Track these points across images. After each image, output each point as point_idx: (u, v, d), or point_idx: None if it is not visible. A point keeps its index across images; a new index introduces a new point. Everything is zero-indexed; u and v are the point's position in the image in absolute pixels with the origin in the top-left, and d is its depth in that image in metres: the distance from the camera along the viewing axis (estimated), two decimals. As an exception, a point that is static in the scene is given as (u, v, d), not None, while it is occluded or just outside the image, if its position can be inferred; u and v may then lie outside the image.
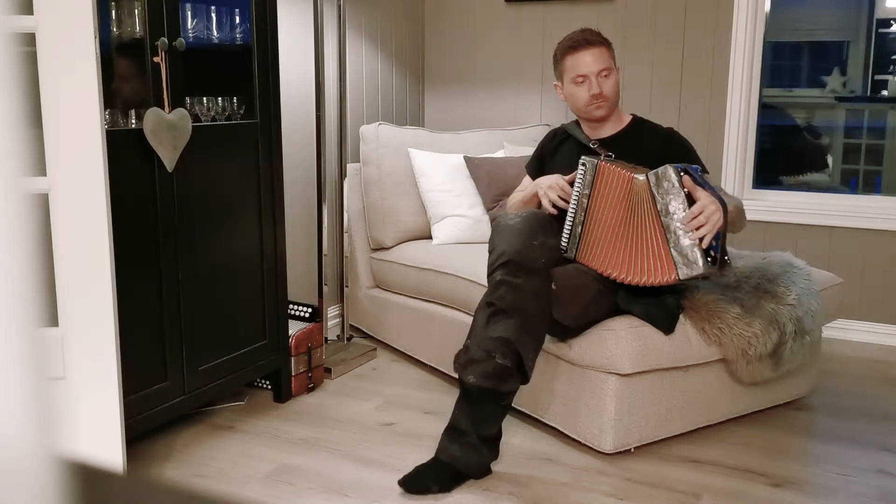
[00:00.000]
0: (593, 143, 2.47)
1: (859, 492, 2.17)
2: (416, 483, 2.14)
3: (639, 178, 2.22)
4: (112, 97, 2.22)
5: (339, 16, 3.17)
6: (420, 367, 3.08)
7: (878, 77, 4.33)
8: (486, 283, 2.23)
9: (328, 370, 2.95)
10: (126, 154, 2.09)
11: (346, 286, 3.32)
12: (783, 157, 4.13)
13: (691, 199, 2.16)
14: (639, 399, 2.33)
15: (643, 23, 3.64)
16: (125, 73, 2.29)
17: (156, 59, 2.15)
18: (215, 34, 2.46)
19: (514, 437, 2.45)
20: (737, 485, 2.21)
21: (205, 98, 2.43)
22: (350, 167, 3.31)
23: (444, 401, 2.61)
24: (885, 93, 4.28)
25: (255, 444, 2.42)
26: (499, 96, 4.00)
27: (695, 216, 2.14)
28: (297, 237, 3.16)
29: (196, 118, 2.38)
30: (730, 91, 3.52)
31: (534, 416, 2.53)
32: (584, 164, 2.33)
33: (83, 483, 0.40)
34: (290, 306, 2.89)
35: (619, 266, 2.26)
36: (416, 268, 3.07)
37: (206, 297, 2.39)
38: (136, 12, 2.18)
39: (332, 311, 3.39)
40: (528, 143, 3.49)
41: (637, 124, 2.51)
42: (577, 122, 2.56)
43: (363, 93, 3.69)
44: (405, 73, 4.00)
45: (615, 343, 2.25)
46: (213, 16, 2.44)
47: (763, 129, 3.71)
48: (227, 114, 2.48)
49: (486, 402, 2.15)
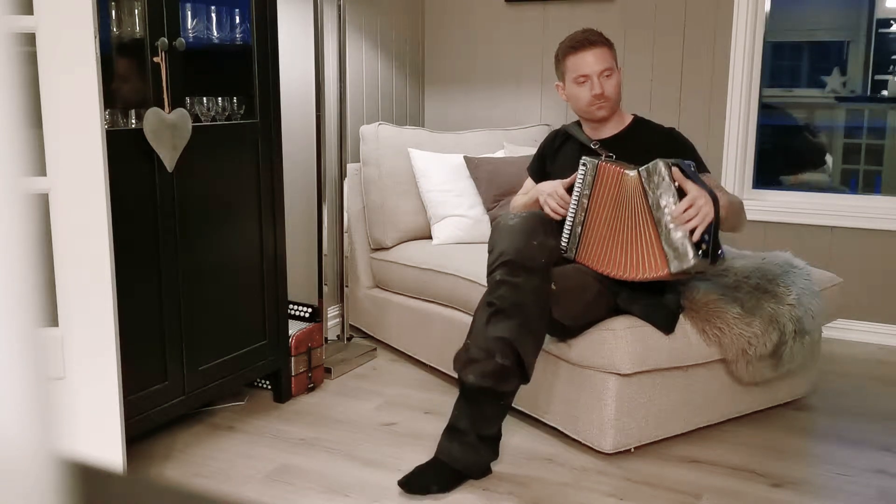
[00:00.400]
0: (594, 144, 2.47)
1: (859, 492, 2.17)
2: (415, 483, 2.14)
3: (630, 173, 2.22)
4: (112, 97, 2.22)
5: (339, 16, 3.17)
6: (420, 367, 3.08)
7: (878, 77, 4.33)
8: (485, 283, 2.23)
9: (328, 370, 2.95)
10: (126, 154, 2.09)
11: (346, 286, 3.32)
12: (783, 157, 4.13)
13: (682, 193, 2.16)
14: (639, 399, 2.33)
15: (643, 23, 3.64)
16: (125, 73, 2.29)
17: (156, 59, 2.15)
18: (215, 34, 2.46)
19: (514, 437, 2.45)
20: (737, 485, 2.21)
21: (205, 98, 2.43)
22: (350, 167, 3.31)
23: (444, 401, 2.61)
24: (885, 93, 4.28)
25: (255, 444, 2.42)
26: (499, 96, 4.00)
27: (684, 209, 2.14)
28: (297, 237, 3.16)
29: (196, 118, 2.38)
30: (730, 91, 3.52)
31: (534, 416, 2.53)
32: (585, 165, 2.33)
33: (83, 483, 0.40)
34: (290, 306, 2.89)
35: (614, 263, 2.26)
36: (416, 268, 3.07)
37: (206, 297, 2.39)
38: (136, 12, 2.18)
39: (332, 311, 3.39)
40: (528, 143, 3.49)
41: (638, 124, 2.51)
42: (578, 123, 2.56)
43: (363, 93, 3.69)
44: (405, 73, 4.00)
45: (615, 343, 2.25)
46: (213, 16, 2.44)
47: (763, 129, 3.71)
48: (227, 114, 2.48)
49: (485, 401, 2.15)
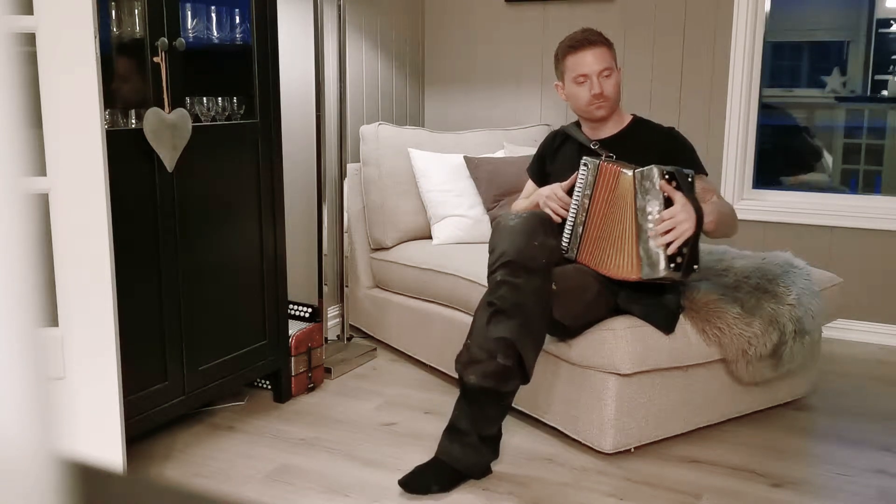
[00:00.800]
0: (593, 144, 2.47)
1: (859, 492, 2.17)
2: (416, 483, 2.14)
3: (626, 173, 2.23)
4: (112, 97, 2.22)
5: (339, 16, 3.17)
6: (420, 367, 3.08)
7: (878, 77, 4.33)
8: (486, 284, 2.23)
9: (328, 370, 2.95)
10: (126, 154, 2.09)
11: (346, 286, 3.32)
12: (783, 157, 4.13)
13: (670, 203, 2.17)
14: (639, 399, 2.33)
15: (643, 23, 3.64)
16: (125, 73, 2.29)
17: (156, 59, 2.15)
18: (215, 34, 2.46)
19: (514, 437, 2.45)
20: (737, 485, 2.21)
21: (205, 98, 2.43)
22: (350, 167, 3.31)
23: (444, 401, 2.61)
24: (885, 93, 4.28)
25: (255, 444, 2.42)
26: (499, 96, 4.00)
27: (663, 220, 2.15)
28: (297, 237, 3.16)
29: (196, 118, 2.38)
30: (730, 91, 3.52)
31: (534, 416, 2.53)
32: (586, 165, 2.33)
33: (83, 483, 0.40)
34: (290, 306, 2.89)
35: (598, 259, 2.29)
36: (416, 268, 3.07)
37: (206, 297, 2.39)
38: (136, 12, 2.18)
39: (332, 311, 3.39)
40: (528, 143, 3.49)
41: (637, 124, 2.51)
42: (578, 123, 2.56)
43: (363, 93, 3.69)
44: (405, 73, 4.00)
45: (615, 343, 2.25)
46: (213, 16, 2.44)
47: (763, 129, 3.71)
48: (227, 114, 2.48)
49: (486, 401, 2.15)
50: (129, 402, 2.05)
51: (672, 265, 2.17)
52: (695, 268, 2.21)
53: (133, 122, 2.23)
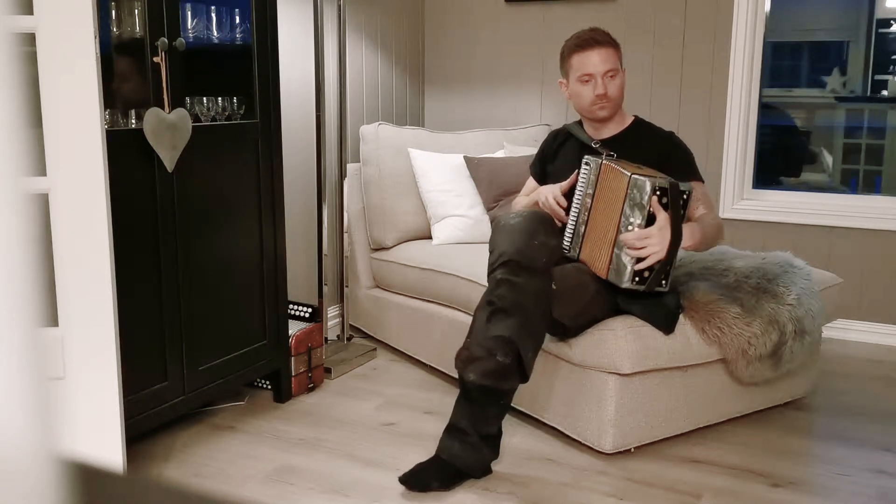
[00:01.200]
0: (595, 143, 2.47)
1: (859, 492, 2.17)
2: (416, 480, 2.13)
3: (625, 174, 2.22)
4: (112, 97, 2.21)
5: (339, 16, 3.17)
6: (420, 367, 3.08)
7: (878, 77, 4.33)
8: (486, 283, 2.23)
9: (328, 370, 2.95)
10: (126, 154, 2.09)
11: (346, 286, 3.32)
12: (783, 157, 4.13)
13: (652, 220, 2.17)
14: (639, 399, 2.33)
15: (643, 23, 3.64)
16: (125, 73, 2.29)
17: (156, 59, 2.15)
18: (215, 34, 2.46)
19: (514, 437, 2.45)
20: (737, 485, 2.21)
21: (205, 98, 2.43)
22: (350, 167, 3.31)
23: (444, 401, 2.61)
24: (885, 93, 4.28)
25: (255, 444, 2.42)
26: (499, 96, 4.00)
27: (637, 238, 2.16)
28: (297, 237, 3.16)
29: (196, 118, 2.38)
30: (730, 91, 3.52)
31: (534, 416, 2.53)
32: (588, 164, 2.34)
33: (83, 483, 0.40)
34: (290, 306, 2.89)
35: (585, 250, 2.32)
36: (416, 268, 3.07)
37: (206, 297, 2.39)
38: (136, 12, 2.18)
39: (332, 311, 3.39)
40: (528, 143, 3.50)
41: (638, 126, 2.51)
42: (580, 123, 2.56)
43: (363, 93, 3.69)
44: (405, 73, 4.00)
45: (615, 343, 2.25)
46: (213, 16, 2.44)
47: (763, 129, 3.71)
48: (227, 114, 2.48)
49: (486, 400, 2.15)
50: (129, 402, 2.05)
51: (636, 279, 2.20)
52: (663, 283, 2.22)
53: (133, 122, 2.23)
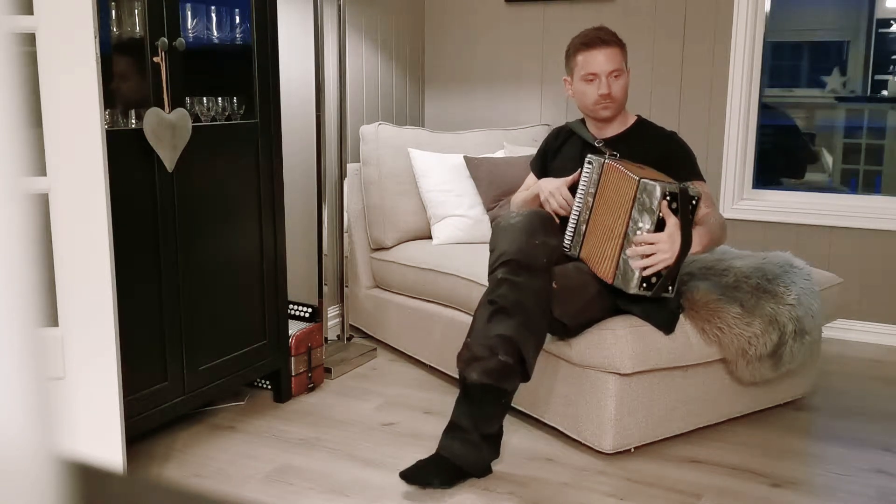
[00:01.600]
0: (598, 142, 2.47)
1: (859, 492, 2.17)
2: (417, 476, 2.13)
3: (632, 178, 2.22)
4: (112, 97, 2.22)
5: (339, 16, 3.17)
6: (420, 367, 3.08)
7: (878, 77, 4.33)
8: (486, 283, 2.23)
9: (328, 370, 2.95)
10: (126, 154, 2.09)
11: (346, 286, 3.32)
12: (783, 157, 4.13)
13: (661, 225, 2.17)
14: (639, 399, 2.33)
15: (643, 22, 3.64)
16: (125, 73, 2.29)
17: (156, 59, 2.15)
18: (215, 34, 2.46)
19: (514, 436, 2.45)
20: (737, 485, 2.21)
21: (205, 98, 2.43)
22: (350, 167, 3.31)
23: (444, 401, 2.61)
24: (885, 93, 4.28)
25: (255, 444, 2.42)
26: (499, 96, 4.00)
27: (646, 244, 2.16)
28: (297, 237, 3.16)
29: (196, 118, 2.38)
30: (730, 91, 3.52)
31: (534, 416, 2.53)
32: (591, 163, 2.34)
33: (83, 483, 0.40)
34: (290, 306, 2.89)
35: (587, 251, 2.31)
36: (416, 268, 3.07)
37: (206, 297, 2.39)
38: (136, 12, 2.18)
39: (332, 311, 3.39)
40: (528, 143, 3.50)
41: (640, 125, 2.52)
42: (583, 121, 2.56)
43: (363, 93, 3.69)
44: (405, 73, 4.00)
45: (615, 343, 2.25)
46: (213, 16, 2.44)
47: (763, 129, 3.71)
48: (227, 114, 2.48)
49: (487, 399, 2.15)
50: (129, 402, 2.05)
51: (644, 285, 2.19)
52: (669, 289, 2.21)
53: (133, 121, 2.24)
